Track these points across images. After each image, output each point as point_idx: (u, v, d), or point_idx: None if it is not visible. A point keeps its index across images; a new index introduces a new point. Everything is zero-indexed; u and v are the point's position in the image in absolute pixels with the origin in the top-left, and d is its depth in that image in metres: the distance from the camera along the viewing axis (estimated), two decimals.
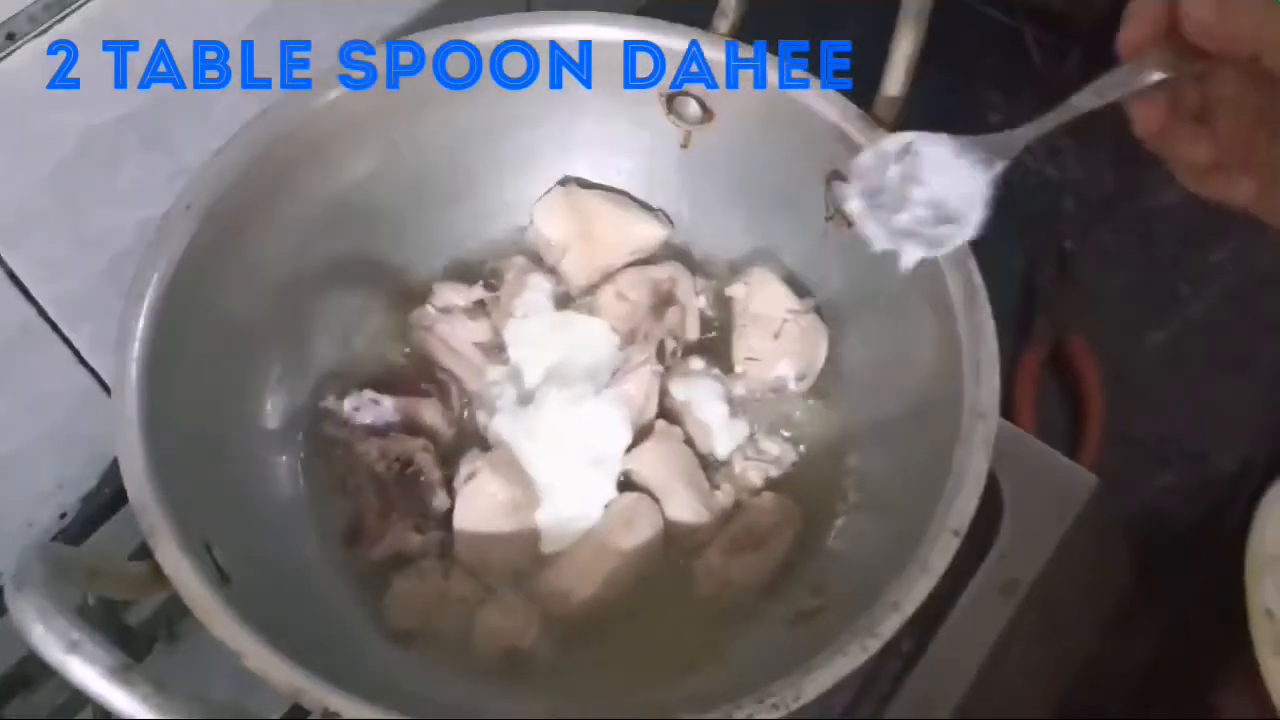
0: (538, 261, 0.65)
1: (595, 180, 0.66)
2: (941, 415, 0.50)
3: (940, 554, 0.45)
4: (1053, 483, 0.63)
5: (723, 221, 0.65)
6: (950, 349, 0.51)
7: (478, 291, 0.62)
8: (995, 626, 0.60)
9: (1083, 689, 0.66)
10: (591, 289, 0.64)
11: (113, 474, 0.48)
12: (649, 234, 0.65)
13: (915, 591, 0.44)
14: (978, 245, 0.53)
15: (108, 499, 0.67)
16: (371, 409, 0.58)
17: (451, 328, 0.61)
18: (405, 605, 0.55)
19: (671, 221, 0.66)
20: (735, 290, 0.63)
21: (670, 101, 0.61)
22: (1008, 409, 0.75)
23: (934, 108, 0.54)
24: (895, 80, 0.55)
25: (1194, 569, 0.72)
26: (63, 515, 0.69)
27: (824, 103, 0.56)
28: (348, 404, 0.58)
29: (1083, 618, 0.66)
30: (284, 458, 0.58)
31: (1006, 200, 0.86)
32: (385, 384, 0.59)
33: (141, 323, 0.49)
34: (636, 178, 0.66)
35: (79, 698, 0.58)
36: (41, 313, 0.61)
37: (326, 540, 0.57)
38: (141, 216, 0.60)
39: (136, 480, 0.45)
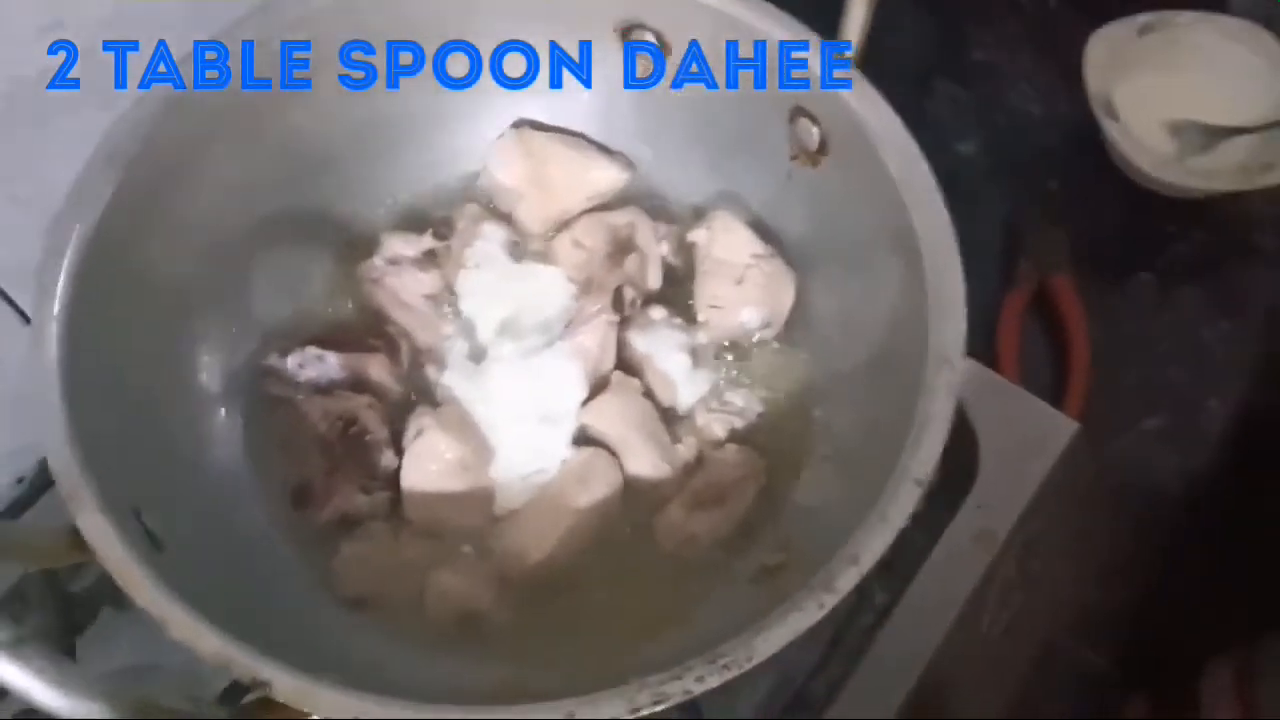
0: (491, 209, 0.62)
1: (550, 123, 0.63)
2: (907, 362, 0.48)
3: (901, 505, 0.43)
4: (1032, 430, 0.61)
5: (684, 164, 0.62)
6: (916, 292, 0.49)
7: (427, 241, 0.59)
8: (971, 578, 0.58)
9: (1065, 641, 0.64)
10: (547, 237, 0.62)
11: None
12: (607, 178, 0.62)
13: (874, 544, 0.42)
14: (957, 185, 0.51)
15: None
16: (316, 365, 0.56)
17: (401, 280, 0.58)
18: (355, 569, 0.53)
19: (632, 165, 0.63)
20: (697, 235, 0.60)
21: (626, 34, 0.58)
22: (990, 356, 0.73)
23: (917, 45, 0.52)
24: (858, 6, 0.52)
25: (1183, 517, 0.70)
26: (19, 480, 0.68)
27: (787, 34, 0.54)
28: (291, 361, 0.56)
29: (1064, 568, 0.64)
30: (224, 419, 0.56)
31: (990, 139, 0.84)
32: (332, 340, 0.57)
33: (61, 278, 0.47)
34: (593, 119, 0.63)
35: None
36: None
37: (271, 504, 0.55)
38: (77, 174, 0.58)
39: (56, 443, 0.43)
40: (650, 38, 0.58)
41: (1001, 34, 0.89)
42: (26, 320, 0.62)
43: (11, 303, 0.62)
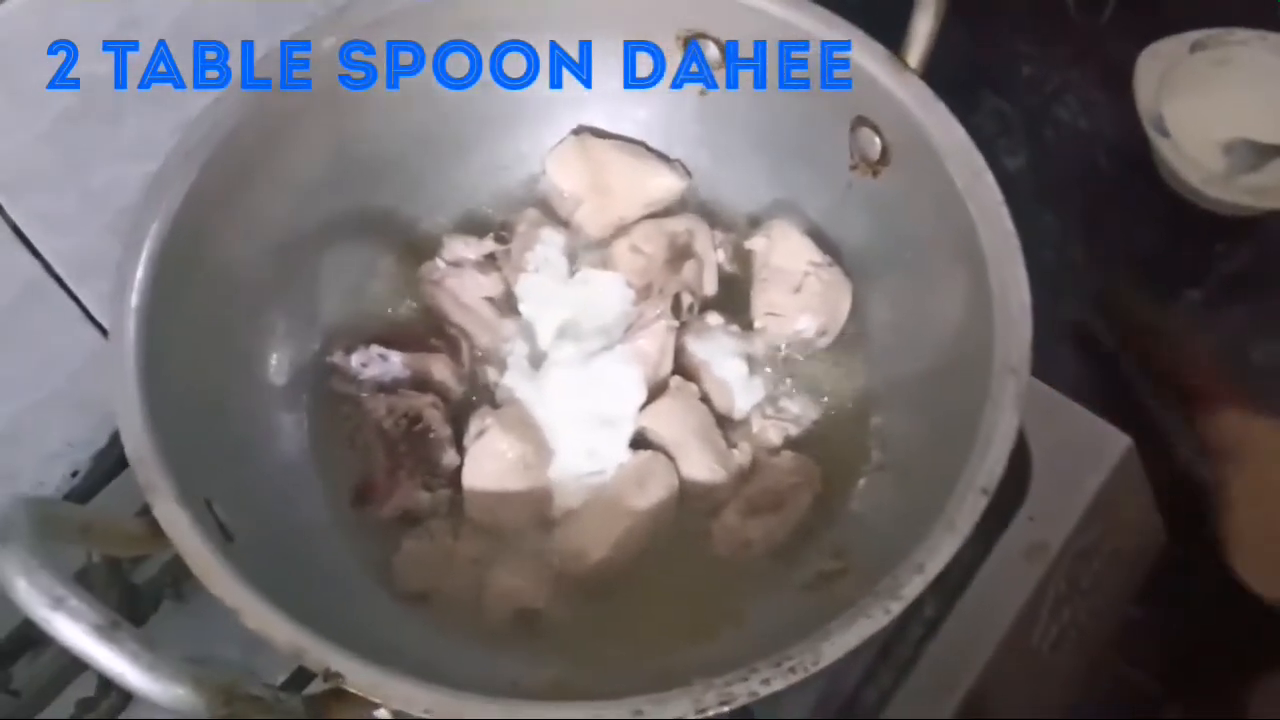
0: (550, 214, 0.63)
1: (610, 130, 0.64)
2: (971, 372, 0.48)
3: (968, 513, 0.43)
4: (1084, 443, 0.61)
5: (743, 172, 0.63)
6: (980, 302, 0.49)
7: (488, 245, 0.60)
8: (1022, 592, 0.58)
9: (1113, 657, 0.64)
10: (605, 242, 0.62)
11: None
12: (665, 185, 0.62)
13: (941, 552, 0.42)
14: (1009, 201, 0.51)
15: (119, 457, 0.65)
16: (379, 364, 0.56)
17: (461, 282, 0.59)
18: (414, 566, 0.53)
19: (689, 173, 0.64)
20: (755, 243, 0.60)
21: (687, 42, 0.59)
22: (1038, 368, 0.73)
23: (965, 58, 0.52)
24: (924, 19, 0.53)
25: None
26: (74, 474, 0.69)
27: (843, 38, 0.54)
28: (355, 359, 0.56)
29: (1114, 583, 0.64)
30: (290, 414, 0.57)
31: (1038, 154, 0.84)
32: (394, 339, 0.58)
33: (140, 271, 0.48)
34: (653, 127, 0.64)
35: (82, 660, 0.58)
36: (47, 268, 0.60)
37: (334, 499, 0.55)
38: (147, 170, 0.59)
39: (133, 432, 0.44)
40: (713, 47, 0.59)
41: (1050, 49, 0.89)
42: (88, 315, 0.64)
43: (74, 297, 0.63)
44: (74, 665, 0.58)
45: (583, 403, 0.55)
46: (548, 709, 0.40)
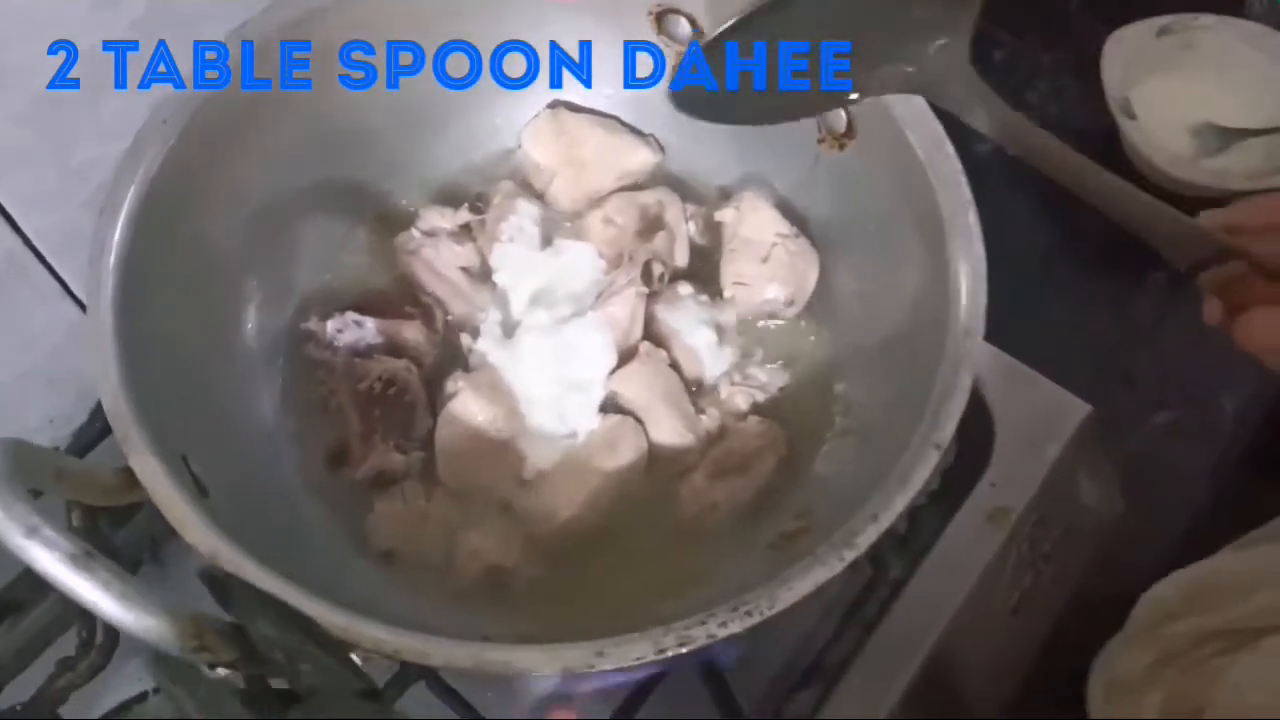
0: (525, 186, 0.64)
1: (584, 105, 0.65)
2: (929, 338, 0.50)
3: (921, 468, 0.45)
4: (1045, 411, 0.62)
5: (712, 147, 0.64)
6: (938, 269, 0.51)
7: (464, 215, 0.61)
8: (984, 555, 0.59)
9: (1071, 621, 0.65)
10: (579, 214, 0.63)
11: (102, 409, 0.48)
12: (638, 159, 0.64)
13: (894, 502, 0.44)
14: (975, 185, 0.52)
15: (98, 433, 0.66)
16: (354, 330, 0.57)
17: (437, 251, 0.60)
18: (387, 526, 0.54)
19: (662, 147, 0.65)
20: (725, 215, 0.62)
21: (660, 20, 0.60)
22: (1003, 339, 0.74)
23: None
24: None
25: (1189, 508, 0.71)
26: (55, 449, 0.69)
27: None
28: (330, 325, 0.57)
29: (1073, 549, 0.65)
30: (266, 378, 0.58)
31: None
32: (368, 306, 0.59)
33: (117, 234, 0.49)
34: (626, 102, 0.65)
35: (61, 623, 0.58)
36: (28, 244, 0.61)
37: (309, 461, 0.56)
38: (125, 147, 0.60)
39: (110, 386, 0.45)
40: (684, 22, 0.60)
41: (1019, 33, 0.90)
42: (68, 291, 0.64)
43: (55, 274, 0.64)
44: (54, 627, 0.59)
45: (554, 367, 0.57)
46: (513, 652, 0.42)
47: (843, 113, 0.57)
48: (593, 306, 0.58)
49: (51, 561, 0.33)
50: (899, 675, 0.57)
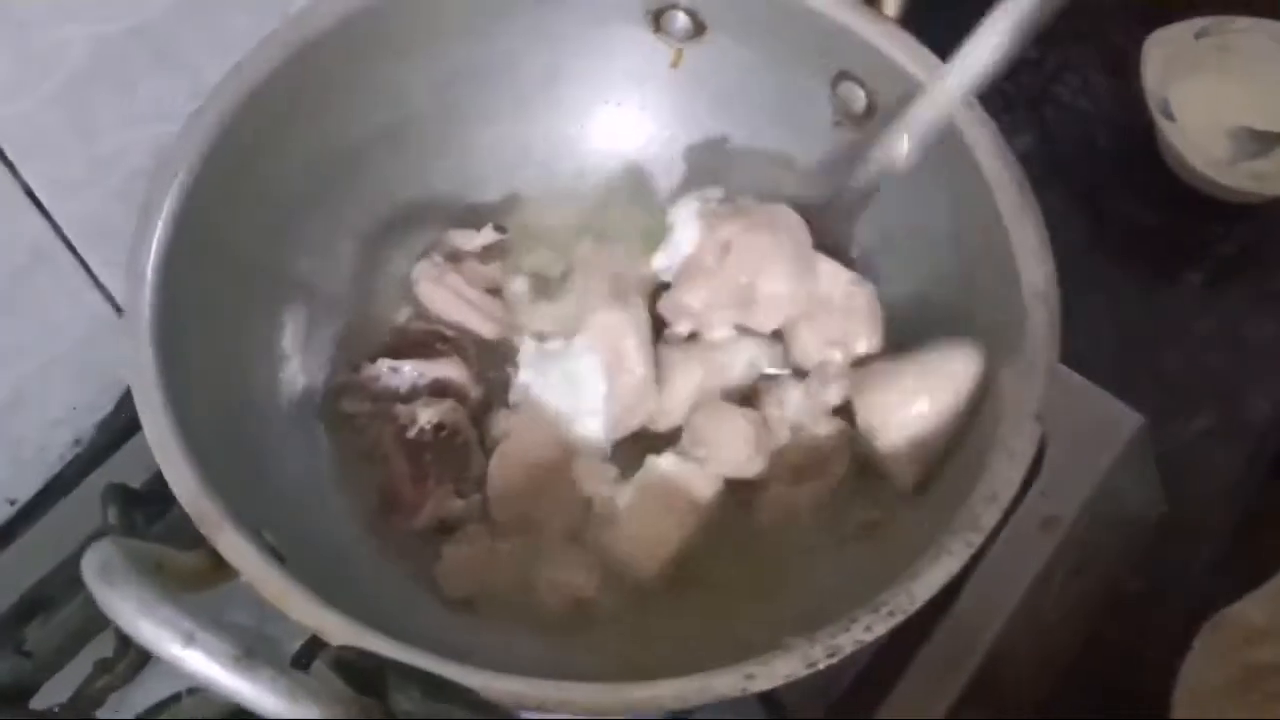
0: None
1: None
2: (994, 306, 0.50)
3: (1025, 439, 0.44)
4: (1097, 421, 0.62)
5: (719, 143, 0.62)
6: (998, 235, 0.49)
7: (488, 235, 0.58)
8: (1035, 563, 0.59)
9: (1114, 628, 0.66)
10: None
11: (128, 399, 0.46)
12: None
13: (1010, 476, 0.43)
14: None
15: (123, 424, 0.65)
16: (391, 377, 0.55)
17: (463, 276, 0.58)
18: (459, 572, 0.52)
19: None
20: None
21: (657, 18, 0.58)
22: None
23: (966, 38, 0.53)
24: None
25: (1230, 509, 0.71)
26: (77, 441, 0.67)
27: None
28: (364, 375, 0.55)
29: (1117, 556, 0.65)
30: (308, 434, 0.55)
31: (1039, 136, 0.85)
32: (399, 349, 0.56)
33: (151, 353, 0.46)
34: (628, 108, 0.62)
35: (97, 621, 0.56)
36: (58, 231, 0.59)
37: (363, 516, 0.54)
38: (156, 133, 0.58)
39: (181, 476, 0.43)
40: (682, 16, 0.58)
41: (1052, 30, 0.89)
42: (95, 280, 0.62)
43: (83, 262, 0.62)
44: (90, 626, 0.57)
45: (605, 395, 0.54)
46: (659, 688, 0.40)
47: (860, 90, 0.55)
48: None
49: (215, 670, 0.30)
50: (950, 684, 0.56)
